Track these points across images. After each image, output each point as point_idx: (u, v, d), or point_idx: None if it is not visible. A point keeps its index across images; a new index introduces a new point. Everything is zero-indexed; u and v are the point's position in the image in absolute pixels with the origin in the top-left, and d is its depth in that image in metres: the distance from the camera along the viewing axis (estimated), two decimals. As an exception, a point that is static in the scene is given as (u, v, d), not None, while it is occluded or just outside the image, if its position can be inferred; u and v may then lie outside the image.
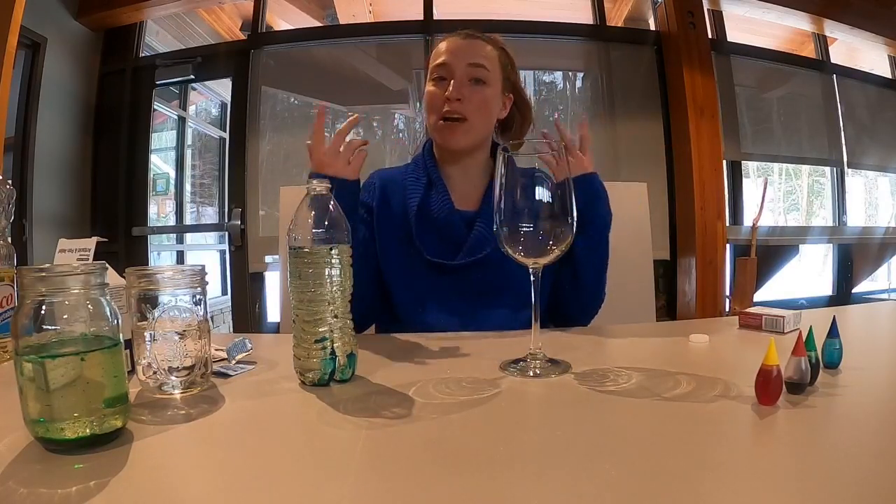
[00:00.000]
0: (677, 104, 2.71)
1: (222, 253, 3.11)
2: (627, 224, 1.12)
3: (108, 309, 0.42)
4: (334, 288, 0.55)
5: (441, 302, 0.92)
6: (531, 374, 0.57)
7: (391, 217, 0.96)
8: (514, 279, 0.62)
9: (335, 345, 0.55)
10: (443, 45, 0.96)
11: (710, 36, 2.78)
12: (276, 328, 1.18)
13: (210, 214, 3.40)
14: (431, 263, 0.92)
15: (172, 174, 3.18)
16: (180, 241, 3.35)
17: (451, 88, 0.91)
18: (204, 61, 2.84)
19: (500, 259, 0.61)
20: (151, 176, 2.93)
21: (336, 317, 0.55)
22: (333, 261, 0.54)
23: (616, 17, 3.07)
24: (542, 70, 3.00)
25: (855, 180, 3.46)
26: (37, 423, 0.39)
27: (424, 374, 0.58)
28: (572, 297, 0.92)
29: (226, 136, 2.97)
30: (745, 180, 3.02)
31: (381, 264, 0.95)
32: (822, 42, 3.27)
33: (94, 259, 0.66)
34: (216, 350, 0.64)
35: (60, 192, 2.71)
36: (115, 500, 0.32)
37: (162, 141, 3.22)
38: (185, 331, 0.52)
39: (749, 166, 3.16)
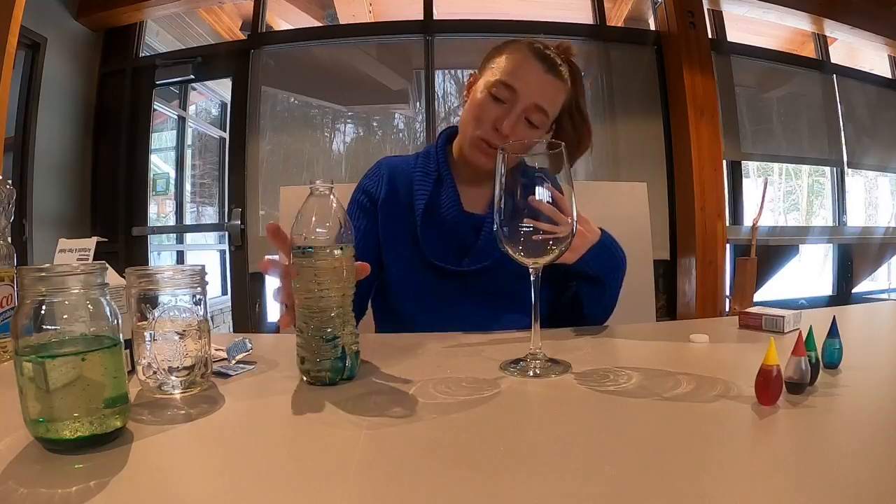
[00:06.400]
0: (677, 104, 2.72)
1: (222, 253, 3.11)
2: (627, 224, 1.12)
3: (108, 309, 0.42)
4: (341, 286, 0.55)
5: (444, 306, 0.91)
6: (531, 374, 0.57)
7: (397, 213, 0.93)
8: (520, 286, 0.61)
9: (344, 343, 0.55)
10: (514, 61, 0.86)
11: (710, 36, 2.78)
12: (276, 328, 1.18)
13: (210, 214, 3.40)
14: (435, 266, 0.90)
15: (172, 174, 3.18)
16: (180, 241, 3.35)
17: (505, 123, 0.85)
18: (204, 61, 2.84)
19: (507, 265, 0.61)
20: (151, 176, 2.93)
21: (342, 316, 0.55)
22: (339, 260, 0.54)
23: (616, 18, 3.08)
24: (542, 70, 3.00)
25: (855, 180, 3.46)
26: (37, 423, 0.39)
27: (424, 374, 0.58)
28: (579, 317, 0.89)
29: (226, 136, 2.97)
30: (745, 180, 3.02)
31: (385, 261, 0.93)
32: (822, 42, 3.28)
33: (94, 259, 0.66)
34: (216, 350, 0.64)
35: (60, 192, 2.71)
36: (115, 500, 0.32)
37: (162, 141, 3.22)
38: (185, 331, 0.52)
39: (749, 166, 3.16)
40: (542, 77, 0.86)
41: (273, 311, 2.83)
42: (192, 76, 2.85)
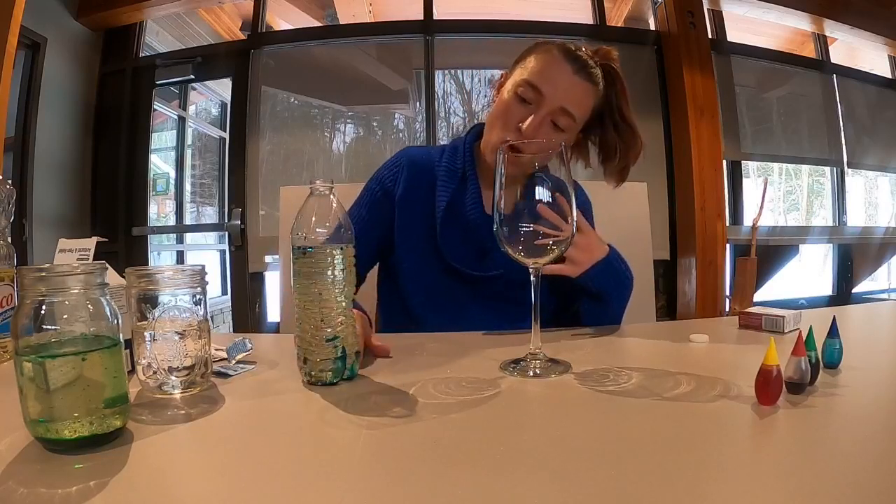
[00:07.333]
0: (677, 104, 2.72)
1: (222, 253, 3.11)
2: (627, 224, 1.12)
3: (108, 309, 0.42)
4: (342, 286, 0.55)
5: (455, 307, 0.90)
6: (531, 374, 0.57)
7: (414, 209, 0.91)
8: (531, 294, 0.60)
9: (344, 343, 0.55)
10: (543, 62, 0.84)
11: (710, 36, 2.78)
12: (276, 328, 1.18)
13: (210, 214, 3.40)
14: (452, 268, 0.89)
15: (172, 174, 3.18)
16: (180, 241, 3.35)
17: (527, 124, 0.82)
18: (204, 61, 2.84)
19: (521, 272, 0.61)
20: (151, 176, 2.93)
21: (343, 316, 0.55)
22: (339, 260, 0.54)
23: (616, 17, 3.08)
24: (542, 70, 3.00)
25: (855, 180, 3.46)
26: (37, 423, 0.39)
27: (424, 374, 0.58)
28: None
29: (226, 136, 2.97)
30: (745, 180, 3.02)
31: (397, 259, 0.92)
32: (822, 42, 3.28)
33: (94, 259, 0.66)
34: (216, 350, 0.64)
35: (60, 192, 2.71)
36: (115, 500, 0.32)
37: (162, 141, 3.22)
38: (185, 331, 0.52)
39: (749, 166, 3.16)
40: (570, 79, 0.83)
41: (273, 311, 2.83)
42: (192, 76, 2.85)
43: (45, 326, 0.39)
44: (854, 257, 3.36)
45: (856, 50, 3.41)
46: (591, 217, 0.98)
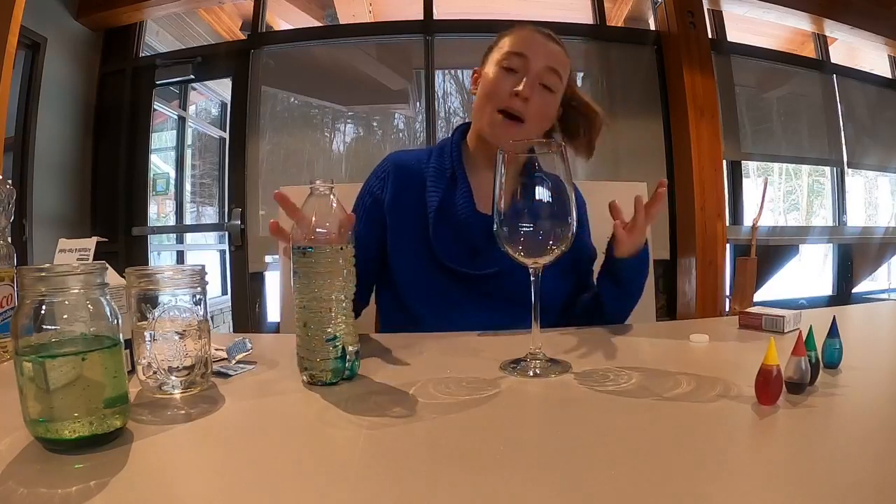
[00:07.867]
0: (677, 104, 2.72)
1: (222, 253, 3.11)
2: (627, 224, 1.12)
3: (108, 309, 0.42)
4: (342, 286, 0.55)
5: (453, 307, 0.90)
6: (531, 374, 0.57)
7: (405, 212, 0.92)
8: (531, 291, 0.60)
9: (344, 343, 0.55)
10: (518, 36, 0.91)
11: (710, 36, 2.78)
12: (276, 328, 1.18)
13: (210, 214, 3.40)
14: (446, 268, 0.89)
15: (172, 174, 3.18)
16: (180, 241, 3.35)
17: (522, 85, 0.86)
18: (204, 61, 2.84)
19: (518, 270, 0.61)
20: (151, 176, 2.93)
21: (343, 315, 0.55)
22: (340, 260, 0.54)
23: (616, 17, 3.08)
24: (542, 70, 3.00)
25: (855, 180, 3.46)
26: (37, 423, 0.39)
27: (424, 374, 0.58)
28: (595, 318, 0.90)
29: (226, 135, 2.97)
30: (745, 180, 3.02)
31: (392, 262, 0.92)
32: (822, 42, 3.28)
33: (94, 259, 0.66)
34: (216, 350, 0.64)
35: (60, 192, 2.71)
36: (115, 500, 0.32)
37: (162, 141, 3.22)
38: (185, 331, 0.52)
39: (749, 166, 3.16)
40: (546, 42, 0.91)
41: (273, 311, 2.83)
42: (192, 76, 2.85)
43: (45, 326, 0.39)
44: (854, 257, 3.36)
45: (856, 50, 3.41)
46: (585, 215, 0.98)
